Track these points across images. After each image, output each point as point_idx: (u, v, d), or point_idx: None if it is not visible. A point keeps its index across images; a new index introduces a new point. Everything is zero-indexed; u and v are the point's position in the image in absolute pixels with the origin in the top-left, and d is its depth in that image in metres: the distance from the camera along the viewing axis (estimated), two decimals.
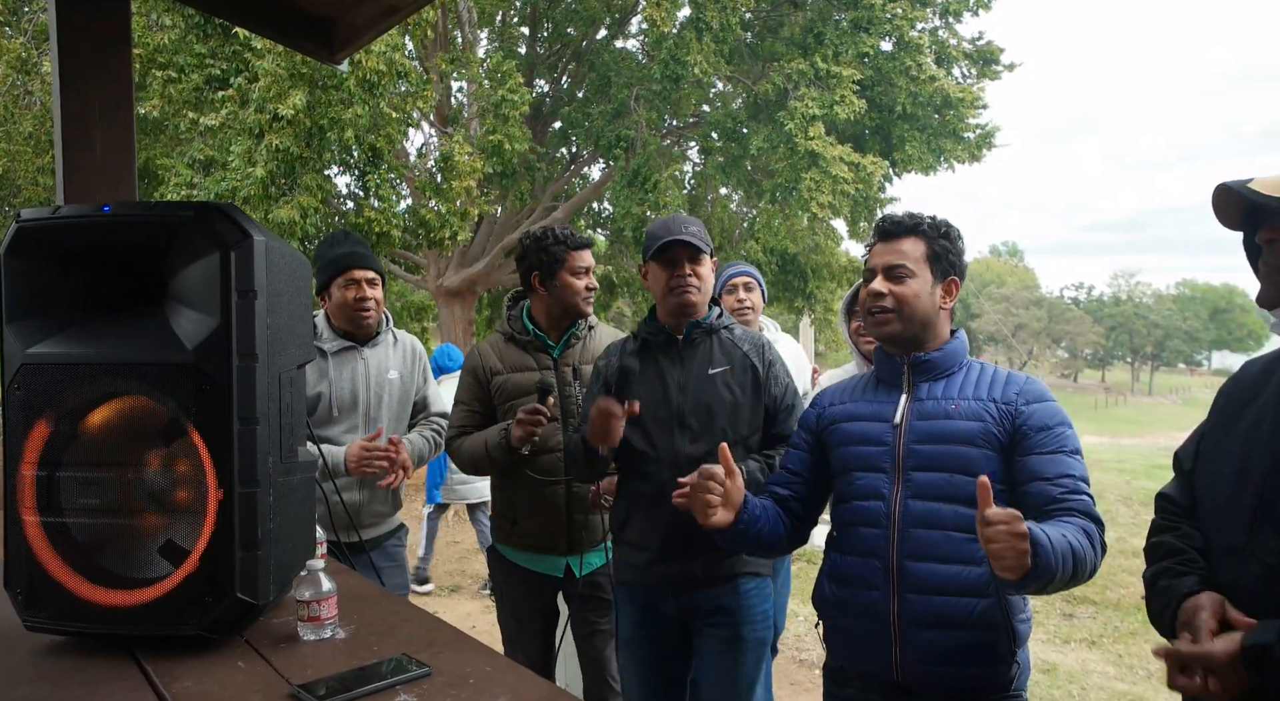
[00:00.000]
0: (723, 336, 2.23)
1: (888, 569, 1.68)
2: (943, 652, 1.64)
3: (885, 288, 1.74)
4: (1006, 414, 1.67)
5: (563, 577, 2.59)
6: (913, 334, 1.76)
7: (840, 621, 1.81)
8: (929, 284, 1.75)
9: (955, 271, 1.79)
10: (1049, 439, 1.64)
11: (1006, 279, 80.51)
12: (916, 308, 1.74)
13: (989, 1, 12.28)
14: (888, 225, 1.80)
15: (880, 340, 1.82)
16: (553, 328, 2.60)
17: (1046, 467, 1.62)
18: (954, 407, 1.70)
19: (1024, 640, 1.68)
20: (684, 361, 2.19)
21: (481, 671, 1.31)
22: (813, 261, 12.93)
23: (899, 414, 1.75)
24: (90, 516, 1.40)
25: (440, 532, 7.32)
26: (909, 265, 1.74)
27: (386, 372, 2.77)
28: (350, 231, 3.35)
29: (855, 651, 1.78)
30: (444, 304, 13.52)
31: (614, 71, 12.23)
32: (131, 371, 1.38)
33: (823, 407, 1.92)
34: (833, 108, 10.26)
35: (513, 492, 2.60)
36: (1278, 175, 1.22)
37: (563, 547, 2.55)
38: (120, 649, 1.39)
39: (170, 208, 1.42)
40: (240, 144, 8.31)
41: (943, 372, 1.77)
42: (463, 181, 9.42)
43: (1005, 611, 1.64)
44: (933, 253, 1.76)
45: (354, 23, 2.97)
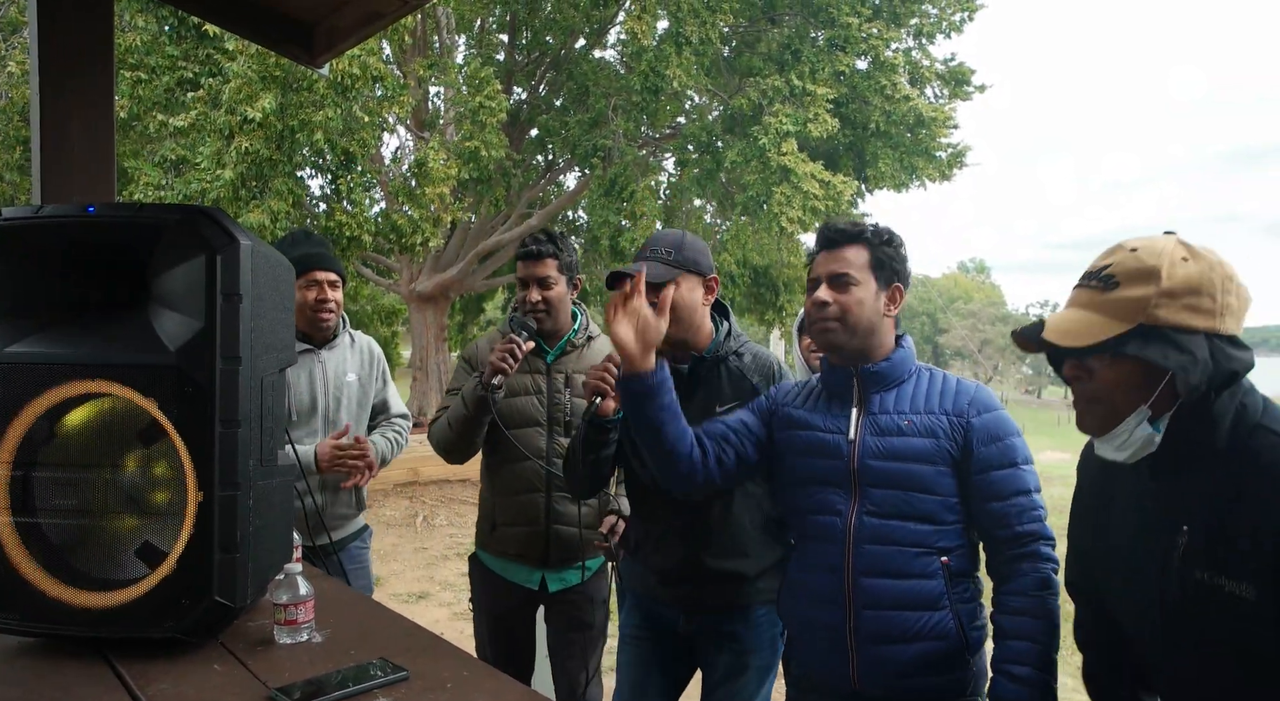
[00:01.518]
0: (731, 365, 2.07)
1: (843, 584, 1.70)
2: (899, 664, 1.67)
3: (830, 296, 1.73)
4: (958, 426, 1.69)
5: (538, 590, 2.54)
6: (858, 343, 1.75)
7: (800, 633, 1.83)
8: (873, 292, 1.74)
9: (899, 278, 1.78)
10: (1000, 452, 1.67)
11: (974, 295, 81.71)
12: (861, 316, 1.73)
13: (962, 24, 12.55)
14: (831, 234, 1.78)
15: (825, 350, 1.81)
16: (549, 334, 2.54)
17: (1000, 486, 1.65)
18: (907, 423, 1.71)
19: (979, 647, 1.72)
20: (690, 397, 2.03)
21: (459, 676, 1.32)
22: (784, 275, 13.06)
23: (852, 429, 1.74)
24: (66, 517, 1.40)
25: (407, 539, 7.27)
26: (853, 273, 1.73)
27: (344, 375, 2.74)
28: (311, 231, 3.31)
29: (814, 662, 1.80)
30: (416, 309, 13.44)
31: (592, 81, 12.30)
32: (112, 372, 1.38)
33: (776, 403, 1.90)
34: (806, 125, 10.41)
35: (495, 497, 2.57)
36: (1064, 315, 1.29)
37: (537, 560, 2.50)
38: (94, 652, 1.38)
39: (156, 210, 1.42)
40: (209, 145, 8.22)
41: (893, 382, 1.76)
42: (437, 187, 9.40)
43: (959, 621, 1.67)
44: (876, 260, 1.74)
45: (336, 27, 2.98)
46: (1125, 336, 1.21)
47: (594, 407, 1.97)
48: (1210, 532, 1.18)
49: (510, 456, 2.49)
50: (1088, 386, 1.29)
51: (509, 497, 2.52)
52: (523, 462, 2.46)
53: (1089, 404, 1.29)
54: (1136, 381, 1.24)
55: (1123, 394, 1.25)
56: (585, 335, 2.61)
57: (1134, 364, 1.23)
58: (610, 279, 2.02)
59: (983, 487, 1.66)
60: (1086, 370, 1.28)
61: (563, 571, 2.52)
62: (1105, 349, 1.23)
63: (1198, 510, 1.20)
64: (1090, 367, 1.27)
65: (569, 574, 2.53)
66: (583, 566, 2.52)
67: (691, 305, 2.02)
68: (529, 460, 2.45)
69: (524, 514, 2.49)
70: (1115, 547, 1.36)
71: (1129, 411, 1.24)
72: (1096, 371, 1.27)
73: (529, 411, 2.50)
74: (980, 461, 1.67)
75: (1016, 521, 1.64)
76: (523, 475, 2.48)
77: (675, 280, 1.99)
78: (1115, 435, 1.26)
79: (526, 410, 2.50)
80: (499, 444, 2.50)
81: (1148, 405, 1.23)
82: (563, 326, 2.55)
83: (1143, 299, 1.21)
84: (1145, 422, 1.23)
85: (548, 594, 2.53)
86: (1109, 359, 1.25)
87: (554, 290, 2.47)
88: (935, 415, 1.71)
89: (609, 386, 1.94)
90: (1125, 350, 1.22)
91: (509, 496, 2.52)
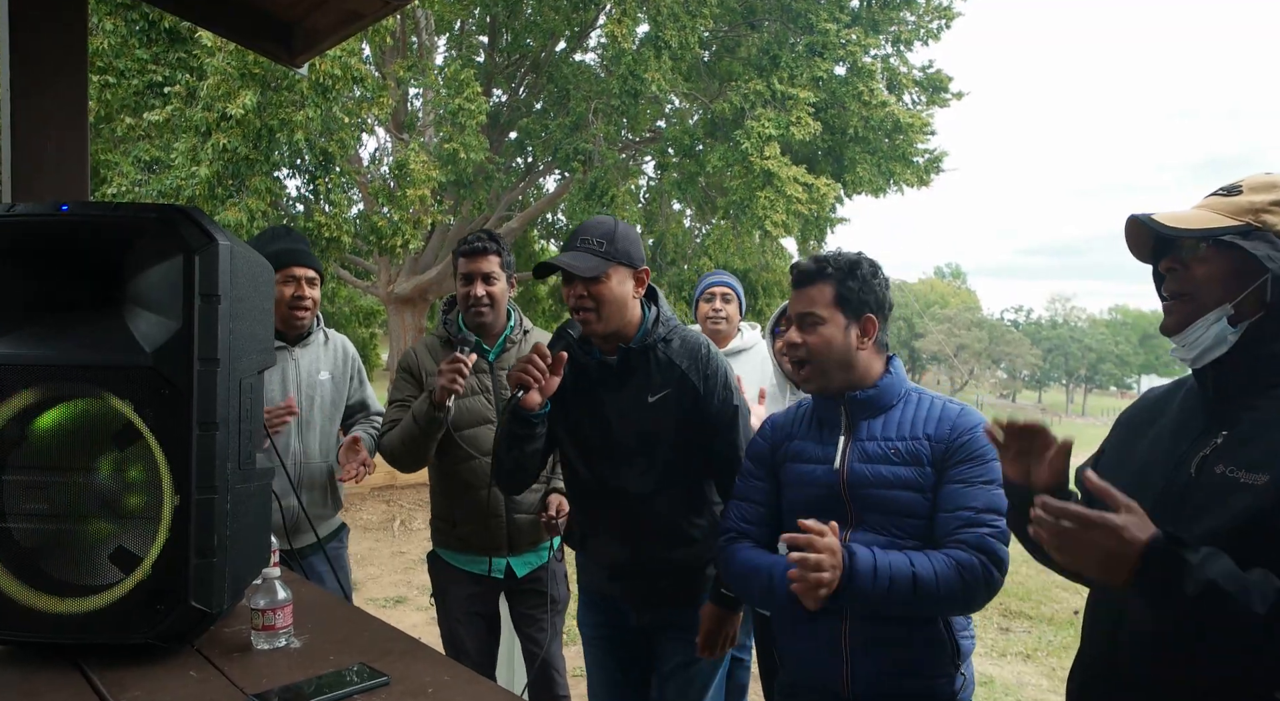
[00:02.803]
0: (660, 353, 2.03)
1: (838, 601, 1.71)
2: (890, 670, 1.69)
3: (799, 338, 1.76)
4: (939, 451, 1.70)
5: (503, 578, 2.61)
6: (836, 380, 1.76)
7: (793, 643, 1.84)
8: (841, 327, 1.74)
9: (870, 308, 1.75)
10: (966, 471, 1.67)
11: (950, 300, 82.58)
12: (830, 356, 1.73)
13: (939, 32, 12.69)
14: (795, 274, 1.80)
15: (804, 390, 1.84)
16: (489, 332, 2.62)
17: (952, 499, 1.65)
18: (893, 450, 1.72)
19: (968, 655, 1.75)
20: (621, 389, 2.04)
21: (440, 680, 1.31)
22: (764, 279, 13.12)
23: (839, 457, 1.75)
24: (37, 521, 1.37)
25: (384, 543, 7.20)
26: (818, 312, 1.74)
27: (317, 374, 2.73)
28: (290, 227, 3.30)
29: (807, 670, 1.82)
30: (395, 311, 13.33)
31: (573, 84, 12.28)
32: (86, 373, 1.35)
33: (774, 442, 1.89)
34: (789, 128, 10.46)
35: (450, 496, 2.62)
36: (1181, 209, 1.32)
37: (504, 549, 2.58)
38: (66, 659, 1.35)
39: (133, 209, 1.40)
40: (185, 141, 8.11)
41: (881, 408, 1.76)
42: (417, 189, 9.34)
43: (949, 629, 1.70)
44: (840, 296, 1.73)
45: (315, 27, 2.96)
46: (1230, 229, 1.24)
47: (515, 400, 1.92)
48: (1247, 438, 1.22)
49: (457, 455, 2.56)
50: (1180, 282, 1.30)
51: (466, 495, 2.57)
52: (473, 461, 2.55)
53: (1175, 300, 1.30)
54: (1227, 279, 1.25)
55: (1210, 290, 1.27)
56: (521, 330, 2.69)
57: (1228, 259, 1.25)
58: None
59: (938, 501, 1.67)
60: (1182, 263, 1.29)
61: (526, 555, 2.62)
62: (1208, 236, 1.25)
63: (1245, 421, 1.23)
64: (1185, 261, 1.29)
65: (532, 556, 2.64)
66: (550, 545, 2.63)
67: (622, 298, 1.98)
68: (477, 458, 2.54)
69: (482, 509, 2.52)
70: (1133, 462, 1.38)
71: (1212, 309, 1.26)
72: (1191, 265, 1.28)
73: (479, 410, 2.58)
74: (945, 477, 1.68)
75: (954, 532, 1.61)
76: (476, 472, 2.54)
77: (606, 273, 1.94)
78: (1190, 331, 1.27)
79: (476, 409, 2.57)
80: (448, 446, 2.55)
81: (1232, 305, 1.24)
82: (502, 324, 2.64)
83: (1258, 203, 1.25)
84: (1224, 321, 1.24)
85: (515, 578, 2.62)
86: (1206, 251, 1.26)
87: (497, 286, 2.57)
88: (919, 441, 1.72)
89: (534, 379, 1.92)
90: (1225, 239, 1.24)
91: (466, 494, 2.57)
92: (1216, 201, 1.30)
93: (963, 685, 1.73)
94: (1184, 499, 1.25)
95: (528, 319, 2.79)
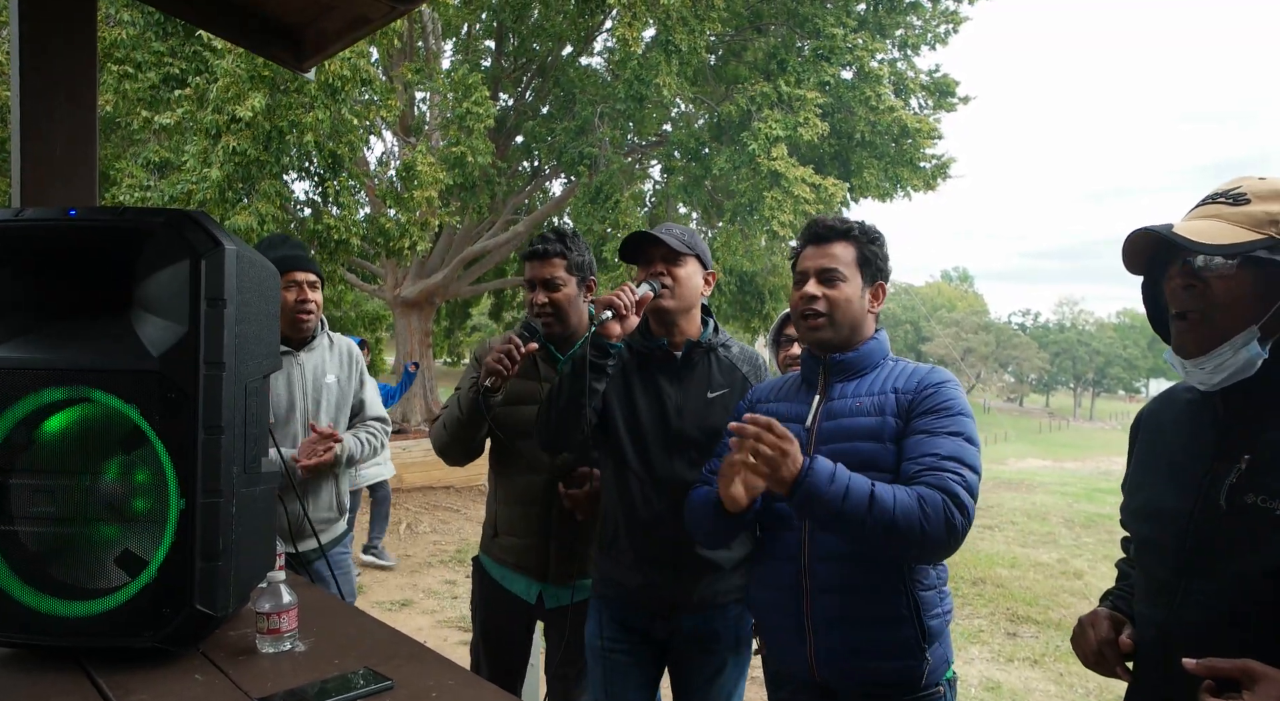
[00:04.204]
0: (720, 356, 2.13)
1: (800, 571, 1.71)
2: (852, 650, 1.67)
3: (819, 291, 1.76)
4: (904, 403, 1.70)
5: (535, 604, 2.42)
6: (842, 338, 1.78)
7: (767, 623, 1.83)
8: (859, 288, 1.78)
9: (882, 276, 1.82)
10: (929, 421, 1.65)
11: (957, 304, 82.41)
12: (849, 312, 1.76)
13: (946, 36, 12.68)
14: (820, 229, 1.81)
15: (811, 344, 1.84)
16: (560, 339, 2.41)
17: (913, 447, 1.63)
18: (858, 404, 1.73)
19: (937, 636, 1.70)
20: (682, 381, 2.10)
21: (444, 685, 1.31)
22: (770, 282, 13.11)
23: (810, 415, 1.77)
24: (44, 525, 1.37)
25: (390, 546, 7.21)
26: (841, 269, 1.76)
27: (324, 377, 2.73)
28: (289, 234, 3.34)
29: (778, 651, 1.82)
30: (401, 314, 13.37)
31: (579, 88, 12.32)
32: (93, 377, 1.36)
33: (752, 403, 1.93)
34: (796, 129, 10.46)
35: (498, 504, 2.47)
36: (1190, 224, 1.25)
37: (536, 573, 2.38)
38: (72, 662, 1.35)
39: (140, 214, 1.40)
40: (196, 144, 8.15)
41: (856, 372, 1.79)
42: (424, 192, 9.37)
43: (915, 608, 1.66)
44: (863, 257, 1.78)
45: (323, 31, 2.96)
46: (1258, 244, 1.17)
47: (601, 321, 1.91)
48: (1273, 463, 1.17)
49: (514, 465, 2.39)
50: (1198, 300, 1.23)
51: (511, 507, 2.41)
52: (526, 474, 2.36)
53: (1195, 320, 1.24)
54: (1251, 297, 1.19)
55: (1235, 310, 1.20)
56: None
57: (1254, 277, 1.19)
58: (626, 242, 2.07)
59: (903, 451, 1.65)
60: (1202, 280, 1.22)
61: (564, 589, 2.38)
62: (1235, 252, 1.18)
63: (1267, 442, 1.19)
64: (1206, 278, 1.22)
65: (563, 593, 2.38)
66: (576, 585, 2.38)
67: (694, 287, 2.08)
68: (533, 472, 2.35)
69: (524, 525, 2.38)
70: (1155, 481, 1.36)
71: (1235, 330, 1.20)
72: (1213, 284, 1.21)
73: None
74: (909, 428, 1.67)
75: (916, 475, 1.58)
76: (526, 486, 2.37)
77: (686, 258, 2.06)
78: (1216, 355, 1.21)
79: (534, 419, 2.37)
80: (504, 451, 2.41)
81: (1259, 325, 1.19)
82: (576, 330, 2.39)
83: (1275, 214, 1.19)
84: (1254, 342, 1.18)
85: (545, 609, 2.42)
86: (1230, 268, 1.20)
87: (561, 292, 2.32)
88: (886, 394, 1.73)
89: (624, 306, 1.93)
90: (1255, 256, 1.17)
91: (511, 506, 2.41)
92: (1227, 211, 1.23)
93: (928, 668, 1.68)
94: (1216, 532, 1.22)
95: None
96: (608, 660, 2.18)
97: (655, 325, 2.12)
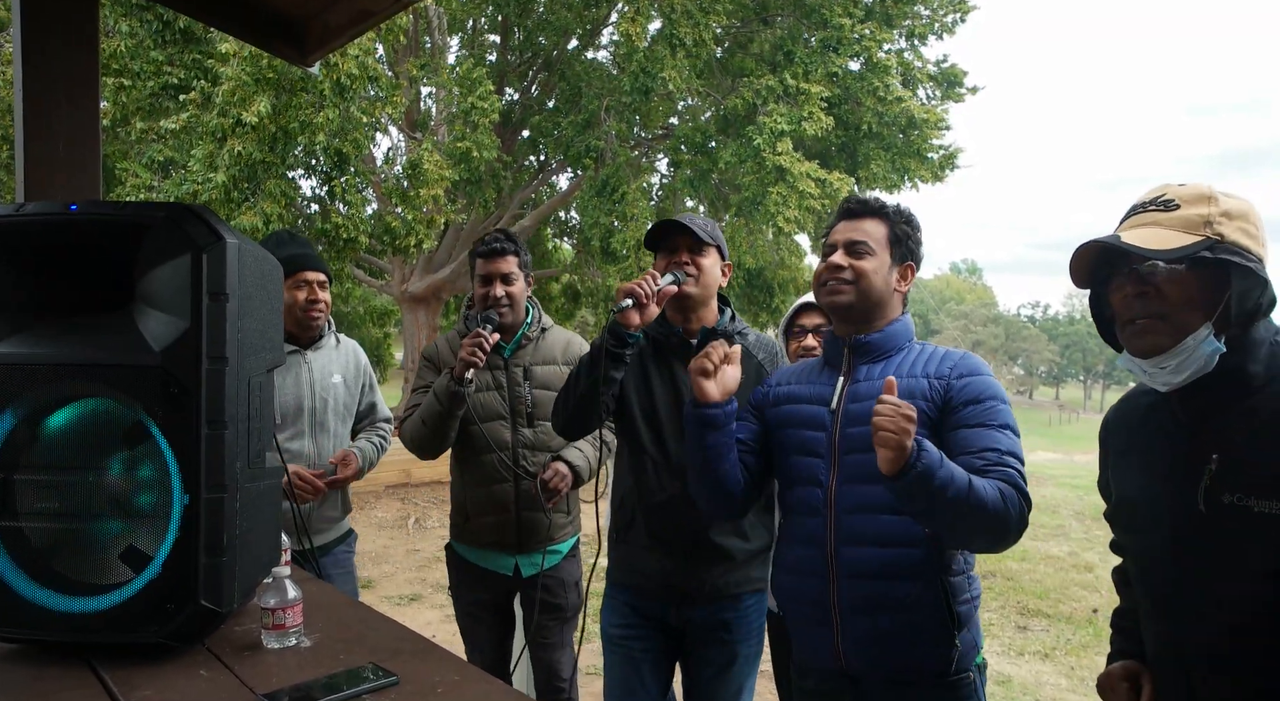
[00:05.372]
0: (736, 343, 2.10)
1: (826, 556, 1.69)
2: (879, 636, 1.64)
3: (845, 261, 1.75)
4: (938, 389, 1.67)
5: (512, 576, 2.62)
6: (865, 310, 1.76)
7: (793, 611, 1.82)
8: (887, 265, 1.77)
9: (913, 258, 1.81)
10: (977, 412, 1.63)
11: (965, 296, 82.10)
12: (873, 283, 1.74)
13: (954, 26, 12.59)
14: (853, 205, 1.82)
15: (832, 311, 1.82)
16: (506, 329, 2.63)
17: (971, 441, 1.61)
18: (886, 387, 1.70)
19: (966, 622, 1.67)
20: None
21: (449, 680, 1.30)
22: (779, 276, 13.07)
23: (835, 397, 1.75)
24: (48, 521, 1.37)
25: (399, 541, 7.24)
26: (870, 243, 1.76)
27: (330, 376, 2.75)
28: (295, 232, 3.35)
29: (805, 640, 1.79)
30: (408, 310, 13.40)
31: (585, 82, 12.28)
32: (96, 373, 1.35)
33: (770, 386, 1.93)
34: (801, 124, 10.41)
35: (466, 489, 2.65)
36: (1133, 232, 1.29)
37: (512, 546, 2.59)
38: (77, 657, 1.35)
39: (141, 208, 1.40)
40: (202, 148, 8.16)
41: (882, 354, 1.76)
42: (431, 189, 9.37)
43: (945, 594, 1.63)
44: (894, 236, 1.78)
45: (327, 25, 2.95)
46: (1199, 246, 1.23)
47: (621, 309, 1.94)
48: (1241, 459, 1.20)
49: (477, 448, 2.59)
50: (1152, 303, 1.27)
51: (478, 488, 2.61)
52: (489, 454, 2.57)
53: (1152, 322, 1.27)
54: (1200, 297, 1.24)
55: (1186, 308, 1.25)
56: (539, 327, 2.71)
57: (1197, 277, 1.24)
58: (652, 231, 2.12)
59: (955, 445, 1.63)
60: (1152, 285, 1.26)
61: (534, 555, 2.62)
62: (1183, 256, 1.23)
63: (1230, 439, 1.22)
64: (1156, 282, 1.26)
65: (539, 557, 2.62)
66: (549, 550, 2.63)
67: (715, 276, 2.14)
68: (495, 452, 2.57)
69: (493, 503, 2.58)
70: (1132, 493, 1.37)
71: (1192, 329, 1.24)
72: (1163, 287, 1.26)
73: (492, 405, 2.61)
74: (955, 420, 1.65)
75: (985, 469, 1.56)
76: (490, 466, 2.58)
77: (709, 248, 2.12)
78: (1177, 352, 1.24)
79: (490, 404, 2.61)
80: (466, 438, 2.60)
81: (1211, 321, 1.23)
82: (519, 321, 2.66)
83: (1206, 216, 1.25)
84: (1211, 336, 1.22)
85: (522, 579, 2.62)
86: (1178, 271, 1.24)
87: (516, 286, 2.60)
88: (916, 379, 1.70)
89: (645, 295, 1.95)
90: (1202, 258, 1.22)
91: (478, 487, 2.61)
92: (1163, 218, 1.28)
93: (957, 655, 1.66)
94: (1202, 536, 1.23)
95: (547, 316, 2.82)
96: (623, 647, 2.20)
97: (673, 313, 2.15)
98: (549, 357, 2.66)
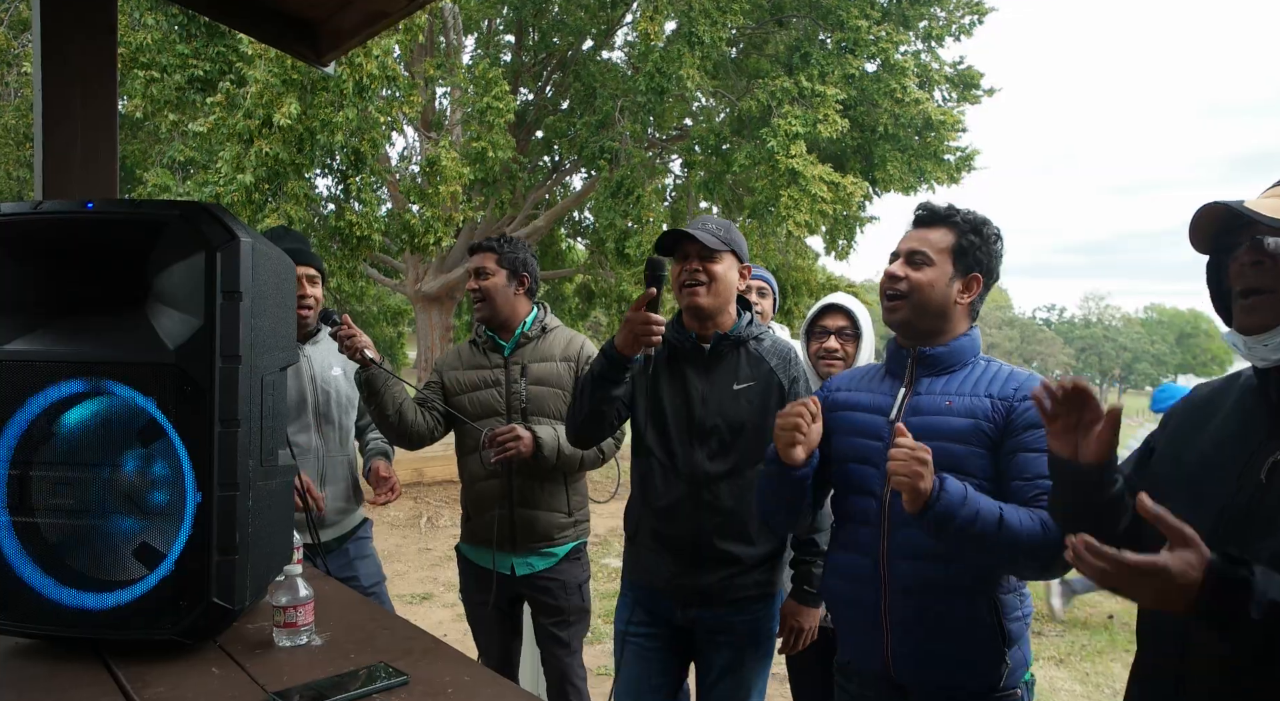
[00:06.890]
0: (751, 348, 2.14)
1: (878, 566, 1.69)
2: (930, 651, 1.65)
3: (902, 272, 1.73)
4: (1000, 409, 1.65)
5: (510, 576, 2.64)
6: (924, 324, 1.74)
7: (842, 616, 1.82)
8: (947, 276, 1.73)
9: (980, 268, 1.76)
10: (1036, 437, 1.60)
11: None
12: (929, 296, 1.72)
13: (971, 27, 12.50)
14: (922, 213, 1.80)
15: (890, 326, 1.81)
16: (501, 327, 2.72)
17: (1026, 467, 1.60)
18: (948, 404, 1.68)
19: (1017, 639, 1.66)
20: (709, 373, 2.12)
21: (460, 681, 1.30)
22: (792, 278, 13.01)
23: (895, 408, 1.74)
24: (63, 517, 1.38)
25: (411, 540, 7.26)
26: (930, 253, 1.73)
27: (330, 369, 2.79)
28: (289, 227, 3.39)
29: (853, 646, 1.80)
30: (422, 309, 13.44)
31: (599, 82, 12.28)
32: (111, 370, 1.36)
33: (830, 390, 1.91)
34: (815, 126, 10.36)
35: (466, 488, 2.72)
36: (1262, 202, 1.24)
37: (507, 544, 2.60)
38: (91, 653, 1.36)
39: (156, 206, 1.40)
40: (229, 150, 8.21)
41: (946, 368, 1.74)
42: (449, 186, 9.39)
43: (996, 611, 1.63)
44: (959, 246, 1.74)
45: (341, 26, 2.96)
46: None
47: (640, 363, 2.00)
48: None
49: (471, 447, 2.63)
50: (1266, 277, 1.22)
51: (475, 485, 2.66)
52: (484, 450, 2.58)
53: (1256, 296, 1.23)
54: None
55: None
56: (540, 326, 2.74)
57: None
58: (662, 238, 2.11)
59: (1010, 468, 1.62)
60: (1269, 257, 1.22)
61: (529, 556, 2.62)
62: None
63: None
64: (1275, 255, 1.21)
65: (534, 559, 2.63)
66: (544, 553, 2.63)
67: (730, 282, 2.11)
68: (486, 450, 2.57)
69: (488, 499, 2.62)
70: (1190, 458, 1.33)
71: None
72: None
73: (489, 403, 2.65)
74: (1014, 444, 1.63)
75: (1033, 499, 1.57)
76: (483, 463, 2.59)
77: (722, 254, 2.09)
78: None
79: (487, 402, 2.65)
80: (463, 435, 2.66)
81: None
82: (506, 316, 2.69)
83: None
84: None
85: (517, 578, 2.63)
86: None
87: (489, 281, 2.66)
88: (979, 398, 1.68)
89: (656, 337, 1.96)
90: None
91: (475, 486, 2.66)
92: None
93: (1007, 672, 1.65)
94: (1253, 507, 1.20)
95: (554, 317, 2.84)
96: (634, 644, 2.22)
97: (689, 319, 2.14)
98: (547, 355, 2.69)
